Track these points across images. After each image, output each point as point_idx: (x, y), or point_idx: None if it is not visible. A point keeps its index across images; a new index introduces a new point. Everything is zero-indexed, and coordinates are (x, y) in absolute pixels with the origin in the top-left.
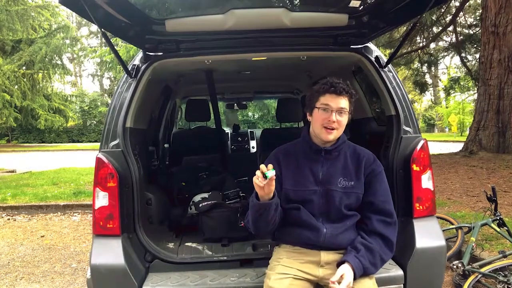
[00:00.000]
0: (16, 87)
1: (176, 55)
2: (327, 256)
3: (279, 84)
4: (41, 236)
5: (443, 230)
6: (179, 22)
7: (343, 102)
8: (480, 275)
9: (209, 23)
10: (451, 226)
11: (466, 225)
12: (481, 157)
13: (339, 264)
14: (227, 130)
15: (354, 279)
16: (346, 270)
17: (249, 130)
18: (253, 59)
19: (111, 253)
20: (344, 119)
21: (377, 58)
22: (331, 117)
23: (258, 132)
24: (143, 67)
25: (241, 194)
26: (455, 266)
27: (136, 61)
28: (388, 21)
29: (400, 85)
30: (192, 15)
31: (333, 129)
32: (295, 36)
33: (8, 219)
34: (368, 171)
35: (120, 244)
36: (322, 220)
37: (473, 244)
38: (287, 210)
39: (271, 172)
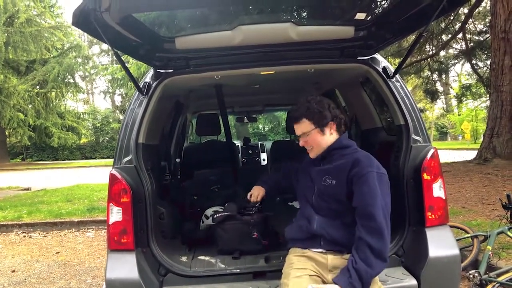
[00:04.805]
0: (30, 106)
1: (186, 72)
2: (333, 260)
3: (288, 97)
4: (56, 253)
5: (458, 239)
6: (188, 39)
7: (300, 127)
8: (497, 285)
9: (218, 40)
10: (467, 235)
11: (481, 233)
12: (495, 165)
13: (335, 278)
14: (238, 143)
15: None
16: None
17: (259, 142)
18: (261, 73)
19: (126, 267)
20: (310, 138)
21: (384, 68)
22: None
23: (268, 145)
24: (154, 84)
25: (257, 206)
26: (471, 276)
27: (147, 79)
28: (394, 32)
29: (409, 94)
30: (201, 32)
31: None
32: (302, 50)
33: (24, 236)
34: (352, 174)
35: (134, 258)
36: (314, 211)
37: (490, 253)
38: None
39: None
